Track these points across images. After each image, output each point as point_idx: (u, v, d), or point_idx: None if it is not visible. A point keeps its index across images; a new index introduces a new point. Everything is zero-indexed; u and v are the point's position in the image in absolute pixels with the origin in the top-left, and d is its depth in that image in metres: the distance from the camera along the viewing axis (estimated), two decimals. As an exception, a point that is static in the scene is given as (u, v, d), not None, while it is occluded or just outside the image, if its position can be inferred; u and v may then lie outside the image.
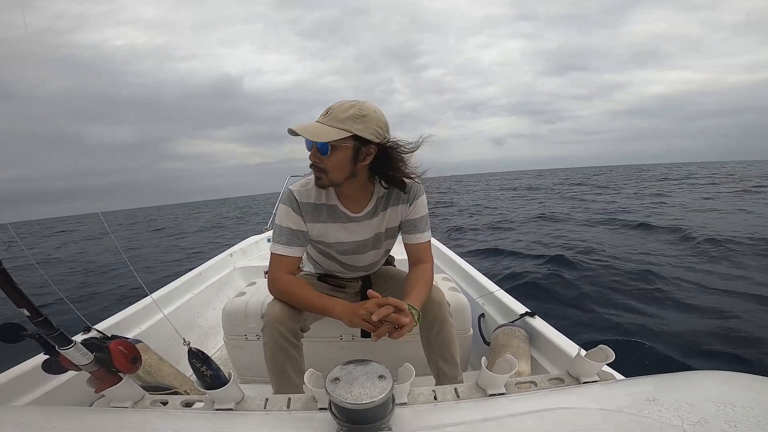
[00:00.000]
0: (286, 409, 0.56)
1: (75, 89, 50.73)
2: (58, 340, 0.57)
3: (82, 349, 0.58)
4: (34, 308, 0.55)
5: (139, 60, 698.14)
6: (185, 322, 1.84)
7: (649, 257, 4.57)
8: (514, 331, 1.35)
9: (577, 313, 3.02)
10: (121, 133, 35.34)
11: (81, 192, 1.08)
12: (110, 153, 39.42)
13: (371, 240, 1.13)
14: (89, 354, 0.58)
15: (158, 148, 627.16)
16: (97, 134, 42.14)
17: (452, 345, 1.09)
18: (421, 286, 1.03)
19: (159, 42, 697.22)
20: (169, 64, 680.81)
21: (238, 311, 1.39)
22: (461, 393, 0.58)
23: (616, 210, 9.48)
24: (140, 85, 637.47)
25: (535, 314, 1.43)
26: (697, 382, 0.54)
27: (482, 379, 0.58)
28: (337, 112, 0.91)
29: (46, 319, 0.56)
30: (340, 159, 0.94)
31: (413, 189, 1.09)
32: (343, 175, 0.97)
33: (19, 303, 0.54)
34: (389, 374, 0.50)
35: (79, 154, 5.17)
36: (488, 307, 1.67)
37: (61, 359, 0.58)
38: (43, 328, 0.56)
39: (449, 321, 1.09)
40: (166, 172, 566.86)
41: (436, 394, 0.58)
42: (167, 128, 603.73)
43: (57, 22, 40.24)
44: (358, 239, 1.11)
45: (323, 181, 0.98)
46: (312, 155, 0.96)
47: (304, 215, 1.06)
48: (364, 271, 1.26)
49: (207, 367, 0.59)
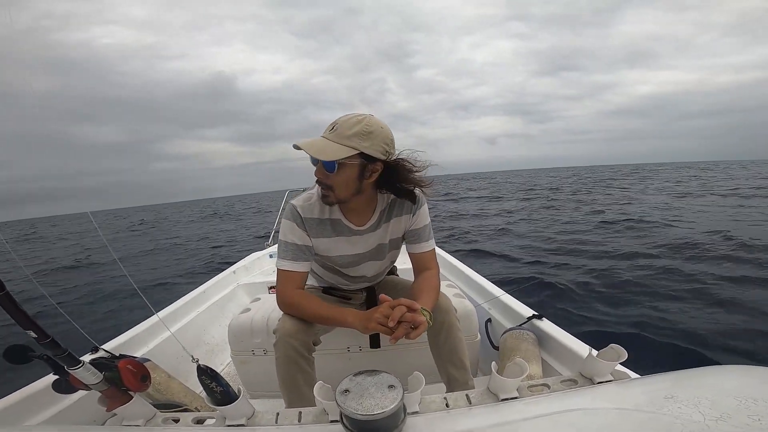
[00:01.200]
0: (297, 423, 0.55)
1: (63, 89, 49.86)
2: (66, 361, 0.57)
3: (91, 368, 0.58)
4: (41, 330, 0.55)
5: (128, 59, 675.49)
6: (192, 340, 1.83)
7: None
8: (523, 334, 1.34)
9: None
10: (110, 133, 34.67)
11: (72, 192, 1.08)
12: (100, 154, 39.47)
13: (374, 251, 1.13)
14: (98, 373, 0.58)
15: (150, 148, 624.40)
16: (85, 135, 42.34)
17: (461, 350, 1.08)
18: (428, 290, 1.03)
19: (149, 41, 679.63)
20: (159, 63, 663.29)
21: (244, 327, 1.38)
22: (473, 399, 0.57)
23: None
24: (129, 85, 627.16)
25: (543, 316, 1.42)
26: (715, 377, 0.53)
27: (494, 384, 0.57)
28: (343, 129, 0.90)
29: (53, 340, 0.56)
30: (346, 176, 0.94)
31: (416, 199, 1.09)
32: (350, 192, 0.97)
33: (25, 325, 0.54)
34: (399, 384, 0.49)
35: (69, 154, 5.15)
36: (494, 312, 1.65)
37: (71, 379, 0.58)
38: (50, 349, 0.56)
39: (457, 326, 1.08)
40: (157, 173, 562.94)
41: (447, 401, 0.57)
42: (158, 128, 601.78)
43: (43, 21, 39.74)
44: (361, 251, 1.11)
45: (330, 198, 0.98)
46: (318, 172, 0.96)
47: (308, 230, 1.05)
48: (368, 282, 1.26)
49: (216, 384, 0.58)
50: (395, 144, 0.97)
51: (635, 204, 10.75)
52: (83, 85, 36.54)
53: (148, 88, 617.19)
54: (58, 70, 38.71)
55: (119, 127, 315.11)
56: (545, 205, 12.48)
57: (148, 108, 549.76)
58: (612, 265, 4.27)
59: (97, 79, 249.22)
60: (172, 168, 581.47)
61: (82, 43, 35.69)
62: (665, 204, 10.36)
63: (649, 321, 2.74)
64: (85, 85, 36.56)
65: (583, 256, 4.89)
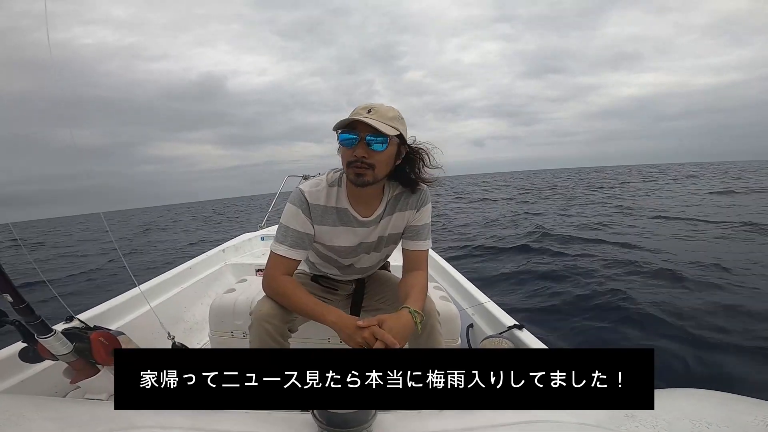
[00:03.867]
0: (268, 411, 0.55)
1: (39, 90, 46.33)
2: (38, 329, 0.55)
3: (62, 338, 0.57)
4: (18, 294, 0.53)
5: (108, 59, 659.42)
6: (171, 317, 1.81)
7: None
8: (501, 342, 1.35)
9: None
10: (89, 135, 32.77)
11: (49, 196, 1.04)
12: (77, 156, 37.64)
13: (374, 243, 1.13)
14: (69, 344, 0.57)
15: (131, 151, 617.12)
16: (62, 137, 40.41)
17: None
18: (418, 291, 1.03)
19: (129, 41, 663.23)
20: (140, 64, 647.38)
21: (226, 307, 1.37)
22: None
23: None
24: (110, 87, 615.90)
25: (523, 327, 1.43)
26: (673, 400, 0.55)
27: None
28: (382, 111, 0.94)
29: (28, 306, 0.55)
30: (389, 155, 0.97)
31: (421, 195, 1.10)
32: (387, 171, 0.99)
33: (2, 288, 0.53)
34: None
35: (45, 158, 4.99)
36: (477, 318, 1.67)
37: (39, 348, 0.57)
38: (24, 316, 0.55)
39: (438, 329, 1.09)
40: (140, 175, 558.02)
41: None
42: (139, 131, 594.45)
43: (21, 21, 38.25)
44: (361, 242, 1.11)
45: (367, 177, 0.96)
46: (361, 150, 0.94)
47: (312, 216, 1.05)
48: (360, 274, 1.25)
49: (189, 363, 0.58)
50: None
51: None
52: (61, 86, 34.55)
53: (128, 89, 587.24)
54: (33, 70, 35.89)
55: (98, 129, 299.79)
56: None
57: (128, 110, 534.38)
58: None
59: (76, 80, 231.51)
60: (153, 171, 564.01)
61: (61, 43, 33.54)
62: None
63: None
64: (63, 86, 34.31)
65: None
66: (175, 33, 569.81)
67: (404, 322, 0.91)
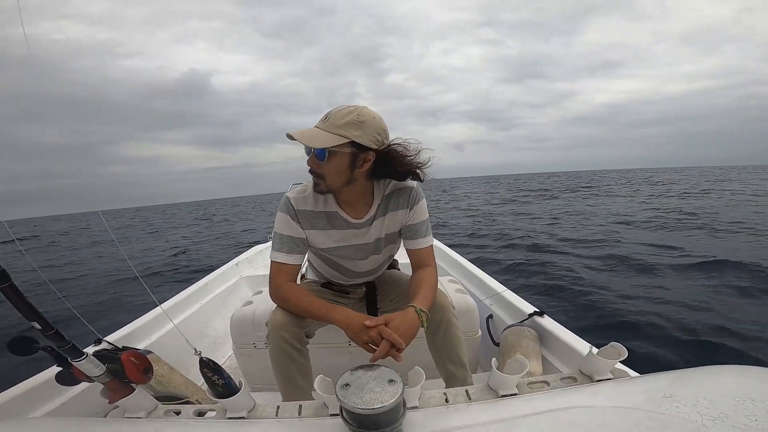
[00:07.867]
0: (298, 416, 0.56)
1: (6, 87, 45.15)
2: (70, 353, 0.57)
3: (94, 360, 0.58)
4: (46, 321, 0.55)
5: (81, 56, 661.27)
6: (194, 332, 1.85)
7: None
8: (524, 330, 1.34)
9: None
10: (54, 134, 33.00)
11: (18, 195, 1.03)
12: (41, 155, 37.79)
13: (371, 245, 1.13)
14: (101, 365, 0.59)
15: (100, 150, 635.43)
16: (28, 136, 39.92)
17: (459, 347, 1.08)
18: (425, 288, 1.03)
19: (103, 37, 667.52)
20: (113, 61, 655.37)
21: (246, 320, 1.39)
22: (472, 395, 0.57)
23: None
24: (79, 84, 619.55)
25: (544, 313, 1.42)
26: (713, 377, 0.53)
27: (493, 380, 0.58)
28: (335, 118, 0.92)
29: (58, 332, 0.56)
30: (337, 165, 0.94)
31: (412, 194, 1.09)
32: (341, 181, 0.97)
33: (30, 317, 0.54)
34: (399, 378, 0.50)
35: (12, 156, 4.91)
36: (496, 308, 1.66)
37: (74, 371, 0.59)
38: (54, 341, 0.57)
39: (454, 323, 1.08)
40: (110, 176, 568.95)
41: (447, 396, 0.57)
42: (110, 130, 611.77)
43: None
44: (357, 244, 1.11)
45: (321, 187, 0.99)
46: (310, 161, 0.97)
47: (301, 222, 1.06)
48: (366, 277, 1.25)
49: (218, 376, 0.59)
50: (389, 134, 0.97)
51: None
52: (29, 83, 34.65)
53: (100, 87, 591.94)
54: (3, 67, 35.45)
55: (65, 128, 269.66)
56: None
57: (97, 108, 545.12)
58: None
59: (45, 77, 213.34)
60: (125, 172, 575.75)
61: (31, 38, 33.82)
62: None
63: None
64: (30, 83, 34.62)
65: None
66: (151, 29, 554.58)
67: (410, 321, 0.92)
